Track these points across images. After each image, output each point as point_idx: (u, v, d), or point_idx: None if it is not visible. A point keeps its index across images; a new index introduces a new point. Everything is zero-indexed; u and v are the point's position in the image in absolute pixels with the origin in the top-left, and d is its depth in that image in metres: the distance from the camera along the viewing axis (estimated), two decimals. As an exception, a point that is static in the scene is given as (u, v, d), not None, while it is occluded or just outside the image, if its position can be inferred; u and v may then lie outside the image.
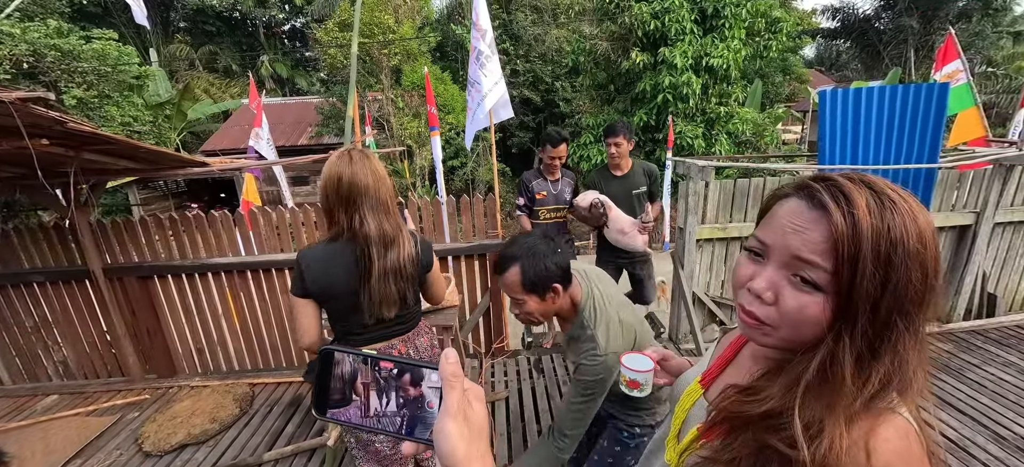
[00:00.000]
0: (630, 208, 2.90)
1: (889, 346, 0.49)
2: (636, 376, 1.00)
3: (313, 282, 1.36)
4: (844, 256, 0.48)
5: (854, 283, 0.48)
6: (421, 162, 9.25)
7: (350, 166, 1.34)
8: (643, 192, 2.97)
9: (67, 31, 9.23)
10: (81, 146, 2.16)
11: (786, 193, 0.57)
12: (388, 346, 1.51)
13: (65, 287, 3.15)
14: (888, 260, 0.48)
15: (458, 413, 0.41)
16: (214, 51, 15.04)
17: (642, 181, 2.99)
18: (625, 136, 2.85)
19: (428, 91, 3.94)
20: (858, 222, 0.48)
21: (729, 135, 8.95)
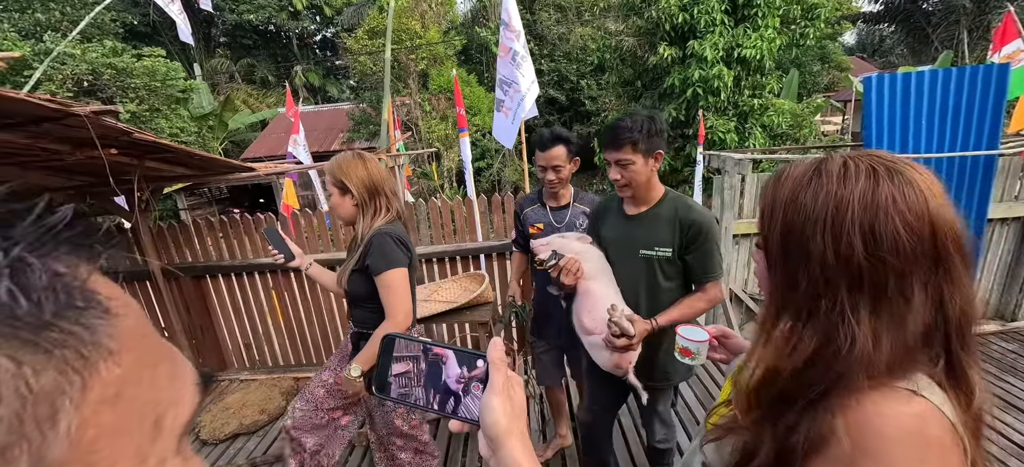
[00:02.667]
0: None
1: (817, 313, 0.53)
2: (689, 344, 1.05)
3: (413, 255, 1.58)
4: (765, 220, 0.58)
5: (768, 241, 0.58)
6: (448, 164, 9.40)
7: (367, 162, 1.56)
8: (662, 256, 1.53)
9: (121, 50, 9.92)
10: (144, 155, 2.33)
11: None
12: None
13: (128, 286, 3.38)
14: (790, 225, 0.54)
15: (503, 391, 0.46)
16: (251, 63, 15.81)
17: (659, 234, 1.56)
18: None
19: (457, 95, 4.01)
20: (776, 192, 0.57)
21: (764, 128, 8.65)
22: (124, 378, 0.19)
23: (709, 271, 1.43)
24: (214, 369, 3.51)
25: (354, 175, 1.50)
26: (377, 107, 9.23)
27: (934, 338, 0.51)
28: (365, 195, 1.51)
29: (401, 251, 1.48)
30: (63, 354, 0.17)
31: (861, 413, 0.49)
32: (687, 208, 1.41)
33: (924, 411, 0.48)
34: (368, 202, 1.52)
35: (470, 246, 3.18)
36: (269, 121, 13.11)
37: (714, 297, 1.45)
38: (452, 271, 3.24)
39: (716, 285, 1.44)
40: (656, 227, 1.44)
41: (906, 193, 0.49)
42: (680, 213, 1.41)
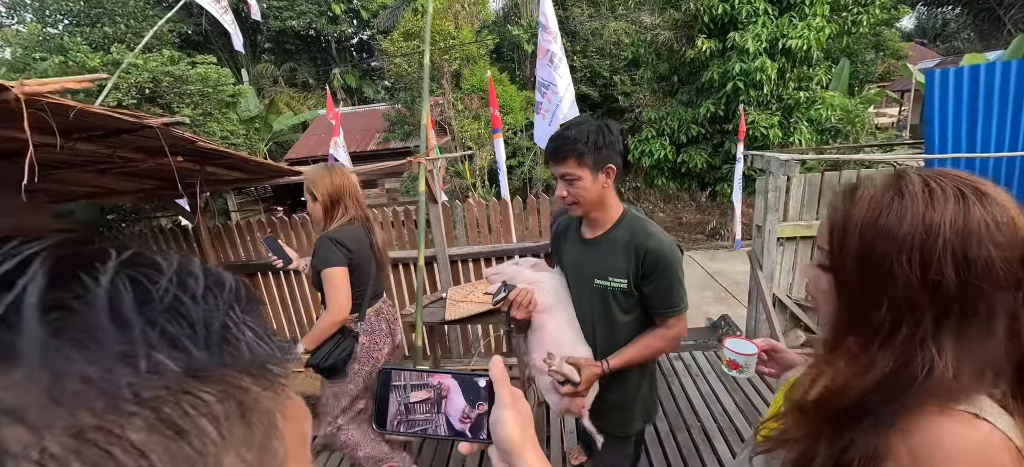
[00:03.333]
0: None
1: (896, 337, 0.51)
2: (737, 358, 1.03)
3: (357, 253, 1.74)
4: (835, 240, 0.56)
5: (842, 264, 0.55)
6: (481, 162, 9.50)
7: (334, 174, 1.80)
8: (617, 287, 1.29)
9: (177, 59, 10.62)
10: (205, 161, 2.50)
11: None
12: (383, 301, 1.99)
13: (188, 282, 3.66)
14: (871, 248, 0.52)
15: (511, 405, 0.48)
16: (293, 67, 16.55)
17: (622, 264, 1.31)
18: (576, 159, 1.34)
19: (491, 95, 4.05)
20: (850, 213, 0.55)
21: (810, 123, 8.22)
22: (297, 403, 0.25)
23: (670, 305, 1.25)
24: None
25: (321, 185, 1.76)
26: (411, 107, 9.44)
27: (1005, 362, 0.50)
28: (328, 202, 1.76)
29: (339, 251, 1.68)
30: (280, 386, 0.23)
31: (925, 434, 0.48)
32: (645, 234, 1.23)
33: (990, 435, 0.48)
34: (331, 208, 1.77)
35: (505, 247, 3.22)
36: (310, 122, 13.67)
37: (676, 334, 1.29)
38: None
39: (679, 320, 1.27)
40: (611, 254, 1.26)
41: (998, 217, 0.48)
42: (636, 239, 1.23)
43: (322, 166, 1.85)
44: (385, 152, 11.29)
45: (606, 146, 1.19)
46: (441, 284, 3.24)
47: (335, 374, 1.80)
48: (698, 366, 3.23)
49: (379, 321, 1.94)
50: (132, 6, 12.89)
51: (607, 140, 1.19)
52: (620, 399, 1.38)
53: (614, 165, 1.21)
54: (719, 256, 8.37)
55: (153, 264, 0.21)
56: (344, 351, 1.77)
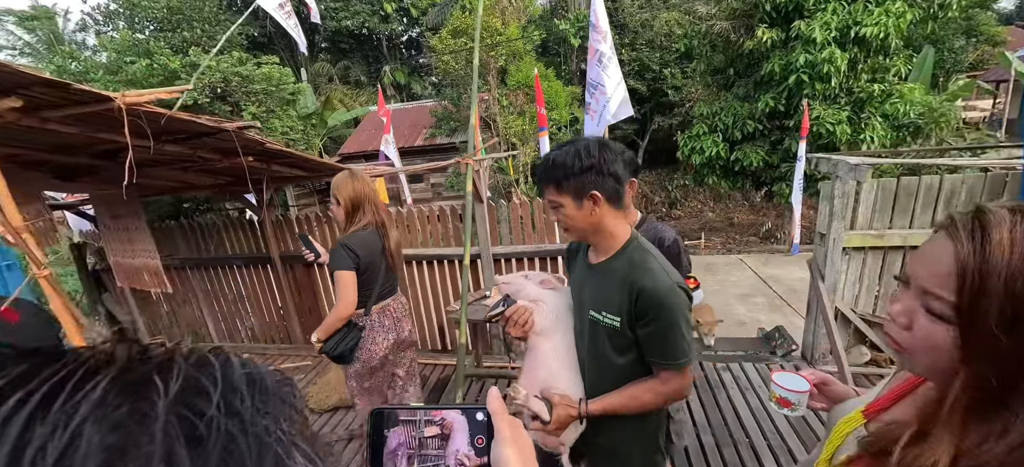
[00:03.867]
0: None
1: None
2: (788, 394, 0.96)
3: (365, 257, 1.91)
4: (967, 290, 0.46)
5: (976, 320, 0.46)
6: (524, 159, 9.51)
7: (356, 181, 1.96)
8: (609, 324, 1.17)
9: (245, 60, 11.44)
10: (272, 160, 2.70)
11: (941, 224, 0.56)
12: (393, 298, 2.15)
13: (254, 270, 3.96)
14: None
15: (511, 439, 0.46)
16: (347, 65, 17.34)
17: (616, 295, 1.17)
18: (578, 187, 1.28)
19: (538, 93, 4.04)
20: (989, 256, 0.45)
21: (885, 118, 7.53)
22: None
23: (665, 356, 1.08)
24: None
25: (344, 191, 1.94)
26: (457, 104, 9.60)
27: None
28: (350, 206, 1.94)
29: (350, 256, 1.87)
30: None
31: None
32: (643, 270, 1.07)
33: None
34: (352, 212, 1.95)
35: (549, 247, 3.21)
36: (361, 118, 14.27)
37: (672, 391, 1.11)
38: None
39: (677, 376, 1.09)
40: (608, 286, 1.12)
41: None
42: (633, 274, 1.07)
43: (346, 173, 2.02)
44: (431, 147, 11.58)
45: (587, 170, 1.05)
46: (484, 282, 3.29)
47: (343, 361, 2.03)
48: (748, 379, 3.08)
49: (383, 318, 2.11)
50: (207, 11, 14.00)
51: (588, 164, 1.05)
52: (609, 445, 1.24)
53: (601, 191, 1.06)
54: (774, 261, 7.89)
55: (202, 391, 0.22)
56: (350, 342, 1.98)
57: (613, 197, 1.08)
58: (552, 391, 1.18)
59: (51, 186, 2.96)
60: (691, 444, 2.53)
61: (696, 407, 2.83)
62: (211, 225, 3.97)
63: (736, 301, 6.01)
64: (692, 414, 2.76)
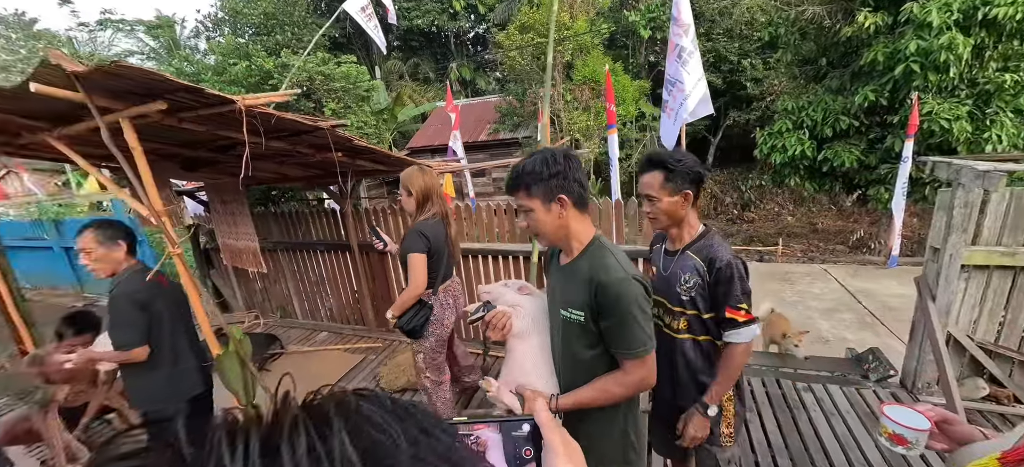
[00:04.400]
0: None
1: None
2: (904, 431, 0.87)
3: (434, 242, 2.18)
4: None
5: None
6: (588, 156, 9.36)
7: (426, 175, 2.24)
8: (576, 319, 1.25)
9: (327, 59, 12.37)
10: (357, 155, 2.91)
11: None
12: (452, 280, 2.42)
13: (334, 255, 4.31)
14: None
15: (564, 453, 0.45)
16: (417, 63, 18.10)
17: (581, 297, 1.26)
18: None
19: (608, 90, 3.95)
20: None
21: (1018, 114, 6.42)
22: None
23: (624, 345, 1.15)
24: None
25: (416, 183, 2.20)
26: (521, 99, 9.65)
27: None
28: (421, 197, 2.21)
29: (422, 240, 2.13)
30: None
31: None
32: (600, 266, 1.15)
33: None
34: (422, 203, 2.21)
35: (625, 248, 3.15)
36: (428, 114, 14.85)
37: (636, 381, 1.18)
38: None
39: (638, 365, 1.16)
40: (574, 283, 1.21)
41: None
42: (593, 271, 1.15)
43: (416, 167, 2.32)
44: (493, 142, 11.76)
45: (554, 175, 1.15)
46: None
47: (416, 336, 2.28)
48: (833, 402, 2.82)
49: (446, 296, 2.39)
50: (297, 16, 15.30)
51: (554, 170, 1.15)
52: (586, 443, 1.27)
53: (567, 194, 1.16)
54: (864, 273, 7.09)
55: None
56: (422, 318, 2.23)
57: (578, 201, 1.18)
58: (525, 387, 1.26)
59: (177, 175, 3.43)
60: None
61: (771, 427, 2.65)
62: (299, 213, 4.37)
63: (819, 316, 5.49)
64: (767, 435, 2.58)
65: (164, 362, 2.09)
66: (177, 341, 2.15)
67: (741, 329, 1.39)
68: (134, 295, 1.97)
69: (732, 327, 1.40)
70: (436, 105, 13.91)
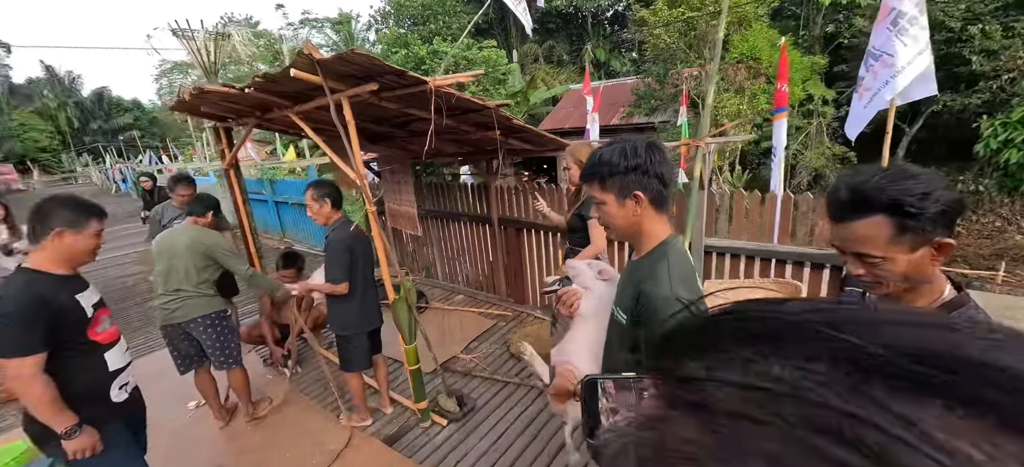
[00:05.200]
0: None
1: None
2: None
3: None
4: None
5: None
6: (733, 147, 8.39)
7: (594, 148, 2.49)
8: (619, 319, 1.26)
9: (470, 45, 13.25)
10: (510, 134, 3.10)
11: None
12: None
13: (475, 226, 4.69)
14: None
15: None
16: (552, 45, 18.29)
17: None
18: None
19: (782, 66, 3.46)
20: None
21: None
22: None
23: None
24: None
25: (584, 155, 2.16)
26: (662, 81, 9.04)
27: None
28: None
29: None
30: None
31: None
32: (653, 276, 1.07)
33: None
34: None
35: (776, 248, 2.80)
36: (560, 96, 14.92)
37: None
38: (747, 273, 2.96)
39: None
40: (627, 284, 1.17)
41: None
42: (644, 276, 1.09)
43: (584, 142, 2.57)
44: (626, 126, 11.30)
45: (632, 170, 1.07)
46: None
47: None
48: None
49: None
50: (448, 5, 16.70)
51: (633, 164, 1.07)
52: None
53: (644, 191, 1.08)
54: None
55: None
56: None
57: (656, 199, 1.10)
58: (564, 364, 1.26)
59: (363, 147, 4.09)
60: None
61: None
62: (449, 185, 4.85)
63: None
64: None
65: (357, 297, 2.59)
66: (367, 282, 2.64)
67: None
68: (344, 241, 2.47)
69: None
70: (568, 88, 13.90)
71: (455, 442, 2.73)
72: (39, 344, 1.50)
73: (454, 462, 2.57)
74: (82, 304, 1.64)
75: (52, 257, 1.60)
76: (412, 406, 2.96)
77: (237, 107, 2.95)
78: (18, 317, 1.47)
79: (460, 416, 2.91)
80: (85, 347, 1.64)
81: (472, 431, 2.81)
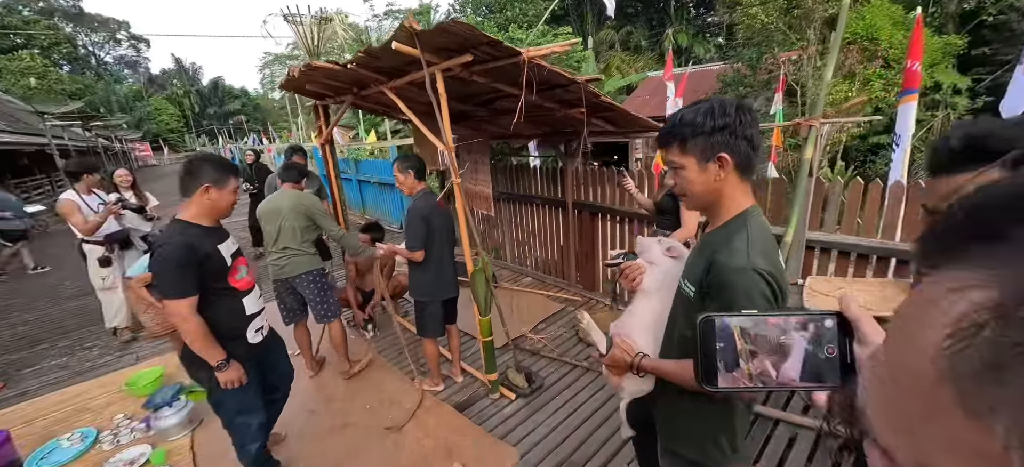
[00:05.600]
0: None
1: None
2: None
3: None
4: None
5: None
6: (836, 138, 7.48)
7: None
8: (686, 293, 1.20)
9: (545, 32, 13.13)
10: (594, 113, 3.02)
11: None
12: None
13: (548, 210, 4.67)
14: None
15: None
16: (630, 31, 17.55)
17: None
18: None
19: (914, 43, 2.99)
20: None
21: None
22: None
23: None
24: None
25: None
26: (755, 66, 8.29)
27: None
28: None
29: None
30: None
31: None
32: (728, 247, 1.02)
33: None
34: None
35: (889, 246, 2.46)
36: (636, 85, 14.31)
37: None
38: (857, 272, 2.63)
39: None
40: (698, 255, 1.12)
41: None
42: (717, 246, 1.04)
43: None
44: (708, 116, 10.57)
45: (720, 130, 1.00)
46: (790, 270, 2.83)
47: None
48: None
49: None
50: (523, -8, 16.66)
51: (721, 123, 0.99)
52: (668, 416, 1.30)
53: (731, 154, 1.01)
54: None
55: None
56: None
57: (742, 164, 1.03)
58: (623, 337, 1.27)
59: (443, 126, 4.23)
60: None
61: None
62: (523, 167, 4.87)
63: None
64: None
65: (432, 266, 2.70)
66: (443, 253, 2.74)
67: None
68: (421, 210, 2.59)
69: None
70: (645, 75, 13.28)
71: (522, 417, 2.77)
72: (192, 287, 1.71)
73: (521, 435, 2.61)
74: (223, 253, 1.86)
75: (199, 210, 1.82)
76: (482, 377, 3.04)
77: (337, 84, 3.18)
78: (174, 262, 1.68)
79: (528, 392, 2.94)
80: (226, 292, 1.86)
81: (539, 408, 2.83)
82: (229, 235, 1.96)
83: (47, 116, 11.40)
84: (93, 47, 46.24)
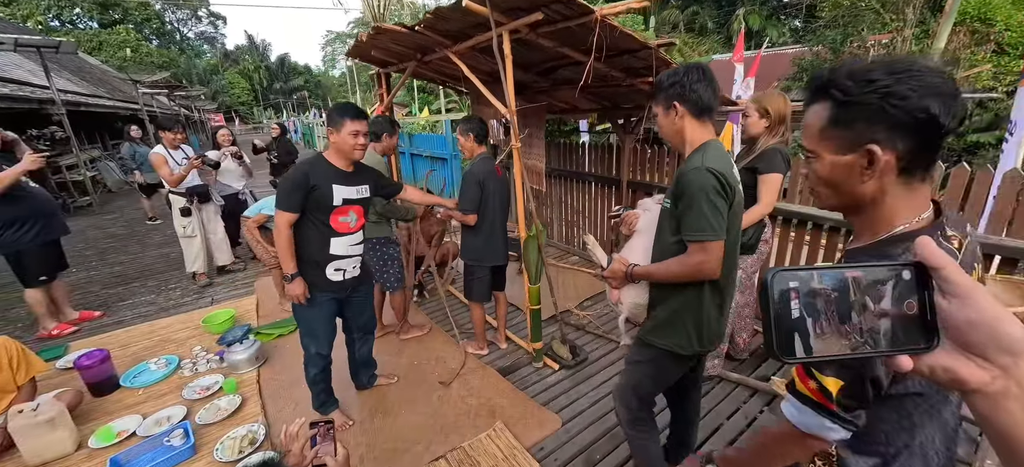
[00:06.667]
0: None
1: None
2: None
3: (789, 165, 2.35)
4: None
5: None
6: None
7: (784, 100, 2.24)
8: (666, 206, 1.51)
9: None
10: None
11: None
12: None
13: (601, 188, 4.57)
14: None
15: (978, 287, 0.34)
16: (696, 11, 16.52)
17: None
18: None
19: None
20: None
21: None
22: None
23: (689, 229, 1.33)
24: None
25: (775, 104, 2.19)
26: (838, 49, 7.57)
27: None
28: (775, 121, 2.21)
29: (781, 162, 2.19)
30: None
31: None
32: (688, 162, 1.37)
33: None
34: (776, 125, 2.22)
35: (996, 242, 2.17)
36: (697, 68, 13.59)
37: (694, 263, 1.34)
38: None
39: (700, 248, 1.32)
40: (675, 181, 1.40)
41: None
42: (682, 165, 1.39)
43: (780, 92, 2.30)
44: (777, 104, 9.83)
45: (672, 85, 1.36)
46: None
47: (748, 251, 2.38)
48: None
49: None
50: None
51: (673, 80, 1.36)
52: (659, 313, 1.51)
53: (681, 102, 1.35)
54: None
55: None
56: (756, 237, 2.37)
57: (695, 109, 1.35)
58: (621, 257, 1.57)
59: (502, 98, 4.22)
60: None
61: None
62: (576, 144, 4.77)
63: None
64: None
65: (484, 231, 2.73)
66: (495, 219, 2.75)
67: None
68: (476, 174, 2.61)
69: None
70: (711, 58, 12.52)
71: (565, 386, 2.77)
72: (295, 205, 1.98)
73: (564, 404, 2.61)
74: (335, 193, 2.05)
75: (332, 150, 2.08)
76: (526, 346, 3.05)
77: (401, 49, 3.24)
78: (290, 180, 1.99)
79: (572, 364, 2.93)
80: (323, 225, 2.06)
81: (582, 381, 2.81)
82: (358, 183, 2.15)
83: (140, 84, 12.59)
84: (177, 23, 50.25)
